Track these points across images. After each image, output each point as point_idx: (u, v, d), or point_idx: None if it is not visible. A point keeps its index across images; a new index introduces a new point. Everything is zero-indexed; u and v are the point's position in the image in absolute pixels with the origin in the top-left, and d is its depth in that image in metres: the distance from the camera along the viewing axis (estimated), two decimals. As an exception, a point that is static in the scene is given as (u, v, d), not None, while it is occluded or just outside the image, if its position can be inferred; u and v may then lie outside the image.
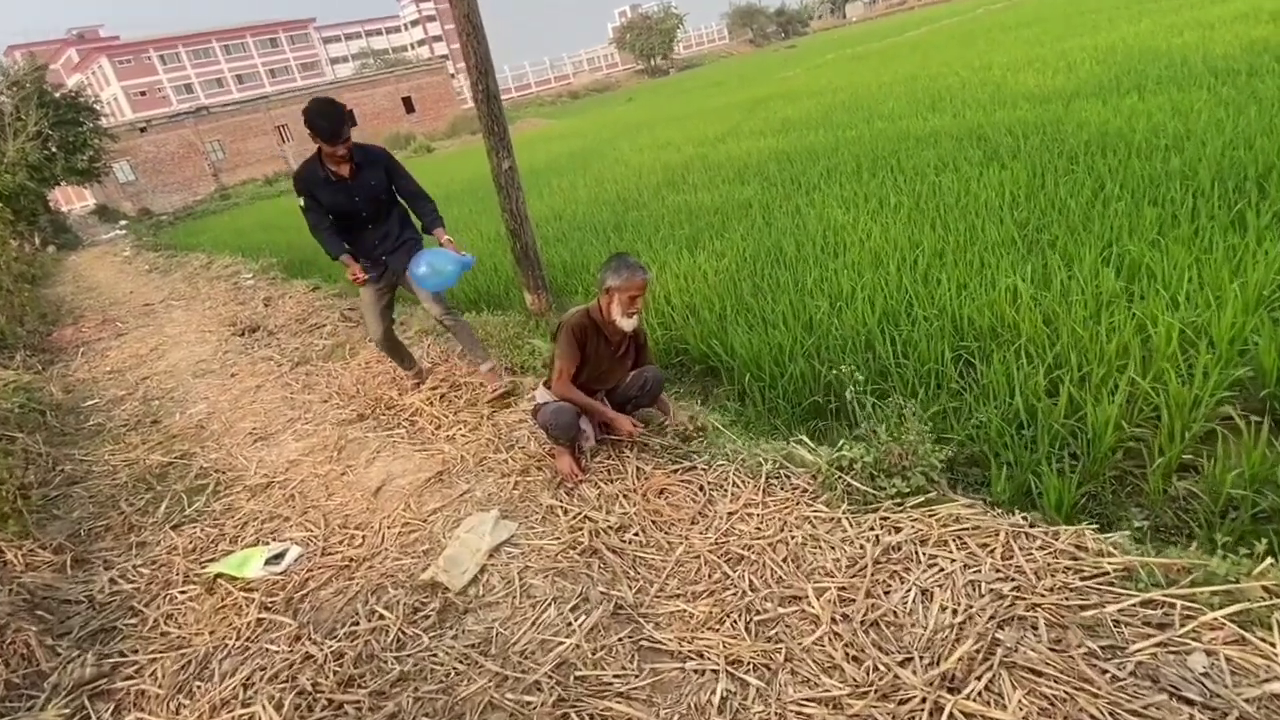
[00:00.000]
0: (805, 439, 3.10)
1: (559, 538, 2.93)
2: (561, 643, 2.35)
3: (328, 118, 3.82)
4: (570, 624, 2.43)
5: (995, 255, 4.25)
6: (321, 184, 4.02)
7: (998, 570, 2.15)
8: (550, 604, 2.56)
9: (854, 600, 2.20)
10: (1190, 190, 4.49)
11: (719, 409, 3.80)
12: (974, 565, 2.20)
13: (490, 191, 6.27)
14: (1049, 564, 2.13)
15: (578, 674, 2.22)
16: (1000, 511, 2.45)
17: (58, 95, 27.38)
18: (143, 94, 61.28)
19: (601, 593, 2.54)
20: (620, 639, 2.32)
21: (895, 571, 2.28)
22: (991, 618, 1.99)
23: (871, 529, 2.49)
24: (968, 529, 2.36)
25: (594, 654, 2.28)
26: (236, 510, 3.77)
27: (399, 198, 4.32)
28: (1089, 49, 11.50)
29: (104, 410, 5.98)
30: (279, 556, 3.20)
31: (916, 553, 2.32)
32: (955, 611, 2.05)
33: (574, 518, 3.02)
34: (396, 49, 79.84)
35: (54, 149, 26.75)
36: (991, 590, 2.08)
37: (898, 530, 2.44)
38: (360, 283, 4.25)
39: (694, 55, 76.33)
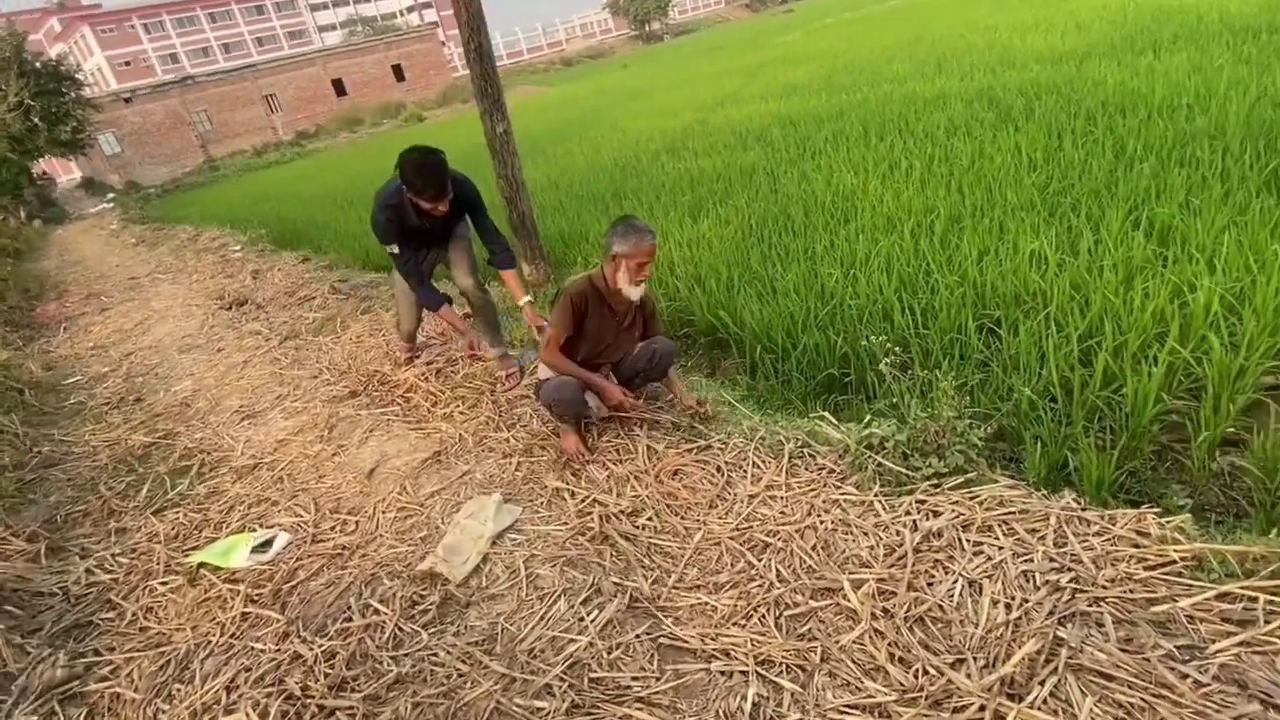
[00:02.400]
0: (828, 415, 2.90)
1: (567, 523, 2.72)
2: (574, 640, 2.15)
3: (431, 177, 3.35)
4: (582, 619, 2.23)
5: (1016, 219, 4.05)
6: (412, 229, 3.65)
7: (1052, 560, 1.95)
8: (560, 596, 2.35)
9: (895, 593, 2.00)
10: (1219, 151, 4.28)
11: (729, 383, 3.60)
12: (1025, 554, 2.00)
13: (482, 161, 6.00)
14: (1108, 552, 1.93)
15: (592, 676, 2.02)
16: (1046, 493, 2.26)
17: (38, 64, 26.72)
18: (127, 64, 59.84)
19: (615, 583, 2.34)
20: (638, 636, 2.12)
21: (938, 561, 2.07)
22: (1050, 613, 1.79)
23: (908, 513, 2.29)
24: (1014, 513, 2.15)
25: (609, 653, 2.08)
26: (222, 494, 3.55)
27: (473, 229, 3.95)
28: (1098, 9, 11.19)
29: (86, 388, 5.75)
30: (266, 544, 2.99)
31: (960, 539, 2.12)
32: (1009, 606, 1.85)
33: (582, 501, 2.81)
34: (385, 16, 77.95)
35: (36, 120, 26.19)
36: (1047, 582, 1.88)
37: (937, 514, 2.24)
38: (470, 356, 4.18)
39: (689, 20, 74.75)
